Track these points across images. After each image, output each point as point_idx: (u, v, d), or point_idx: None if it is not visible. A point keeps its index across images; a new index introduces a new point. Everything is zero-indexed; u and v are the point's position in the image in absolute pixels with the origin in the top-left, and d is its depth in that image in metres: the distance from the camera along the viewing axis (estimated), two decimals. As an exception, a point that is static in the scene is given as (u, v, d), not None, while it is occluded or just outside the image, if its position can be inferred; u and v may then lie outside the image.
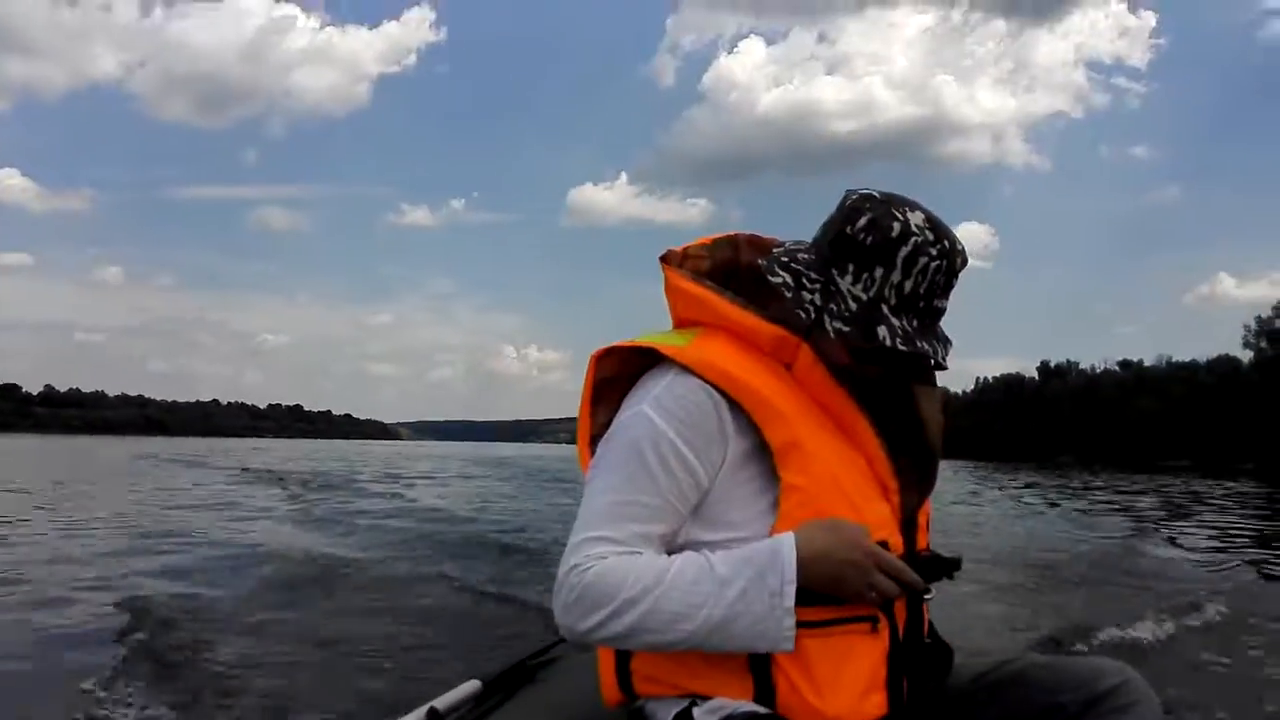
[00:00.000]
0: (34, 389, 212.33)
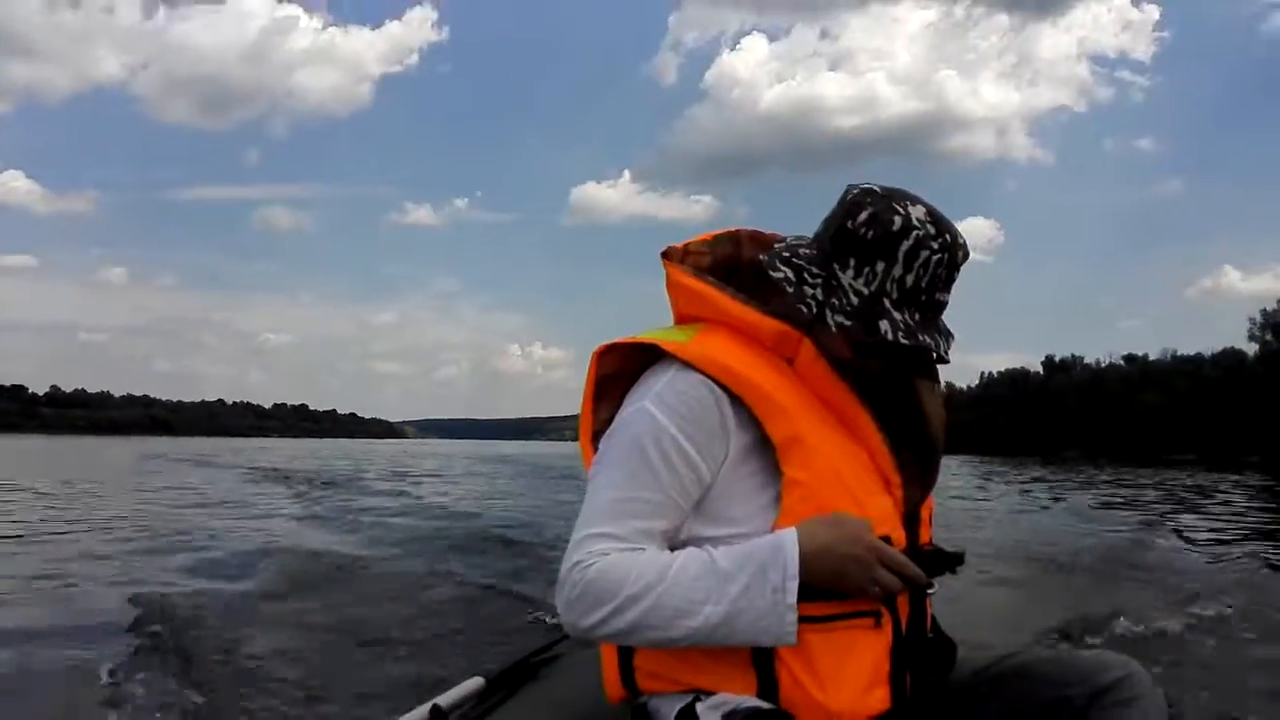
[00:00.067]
0: (40, 390, 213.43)
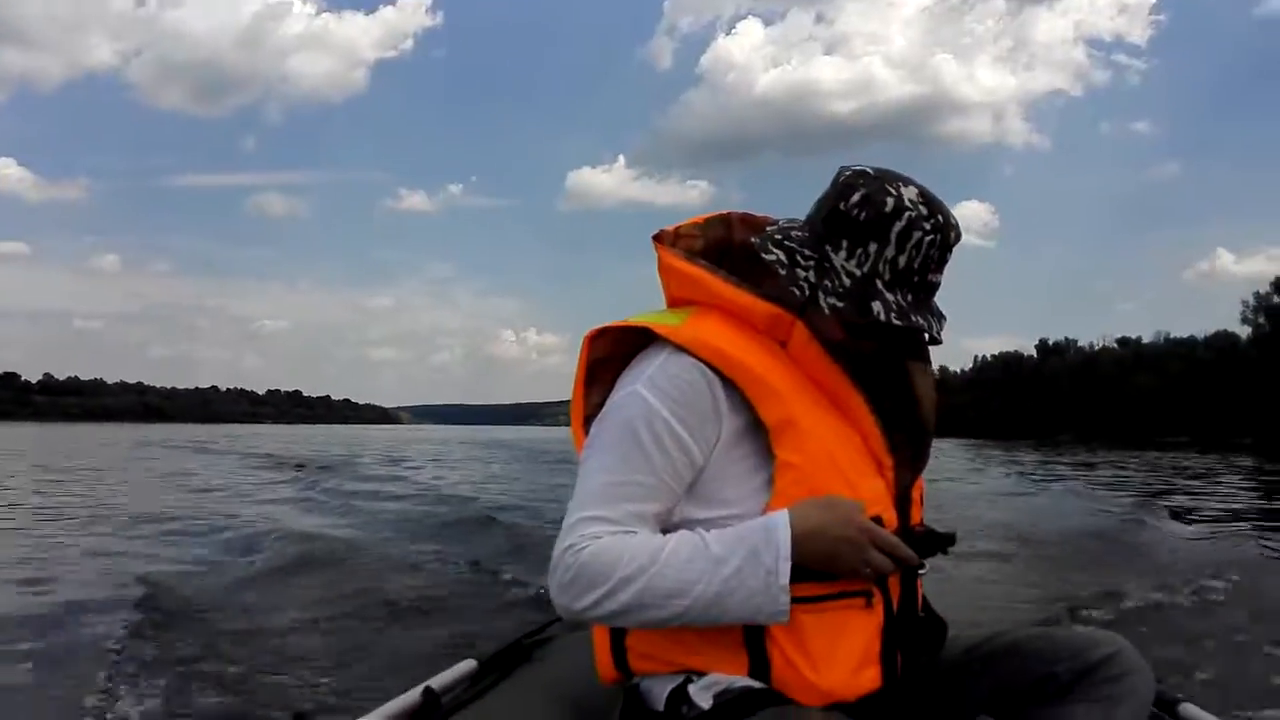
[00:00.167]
0: (33, 377, 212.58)
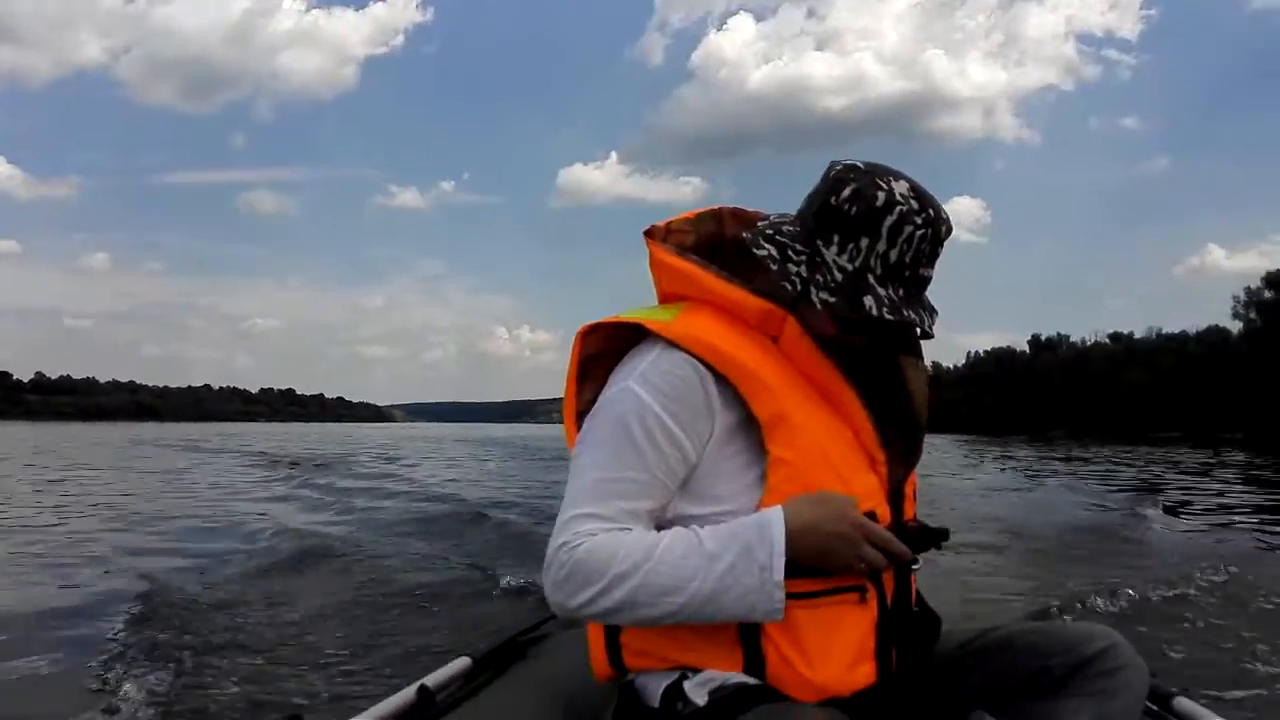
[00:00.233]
0: (24, 376, 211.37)
